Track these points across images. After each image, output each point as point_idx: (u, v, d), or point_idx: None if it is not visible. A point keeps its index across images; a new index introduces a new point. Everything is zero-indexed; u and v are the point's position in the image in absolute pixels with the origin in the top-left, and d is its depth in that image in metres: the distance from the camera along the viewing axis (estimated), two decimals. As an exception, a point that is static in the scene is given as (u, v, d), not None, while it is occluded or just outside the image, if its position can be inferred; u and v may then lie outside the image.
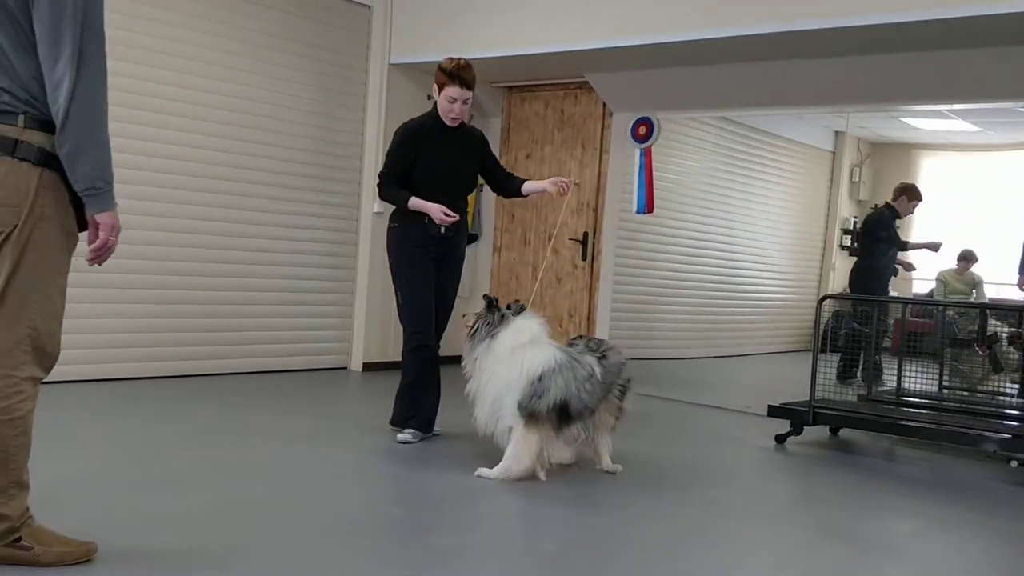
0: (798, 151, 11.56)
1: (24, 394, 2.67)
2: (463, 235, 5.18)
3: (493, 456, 4.44)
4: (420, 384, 5.01)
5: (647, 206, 7.40)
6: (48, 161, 2.60)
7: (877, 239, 8.35)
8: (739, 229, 10.64)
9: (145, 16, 6.29)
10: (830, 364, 6.11)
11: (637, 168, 7.43)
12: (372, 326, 7.67)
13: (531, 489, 4.24)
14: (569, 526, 3.76)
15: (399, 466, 4.62)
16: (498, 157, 8.21)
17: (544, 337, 4.51)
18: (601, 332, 7.73)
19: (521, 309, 4.62)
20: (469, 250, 8.35)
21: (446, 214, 4.87)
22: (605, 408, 4.53)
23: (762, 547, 3.73)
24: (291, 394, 6.44)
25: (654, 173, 7.44)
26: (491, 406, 4.40)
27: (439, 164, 4.96)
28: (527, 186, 5.17)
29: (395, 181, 4.97)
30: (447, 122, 4.94)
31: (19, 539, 2.70)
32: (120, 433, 4.86)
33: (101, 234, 2.69)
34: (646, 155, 7.40)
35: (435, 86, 4.91)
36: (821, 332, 5.84)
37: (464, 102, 4.88)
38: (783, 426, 5.75)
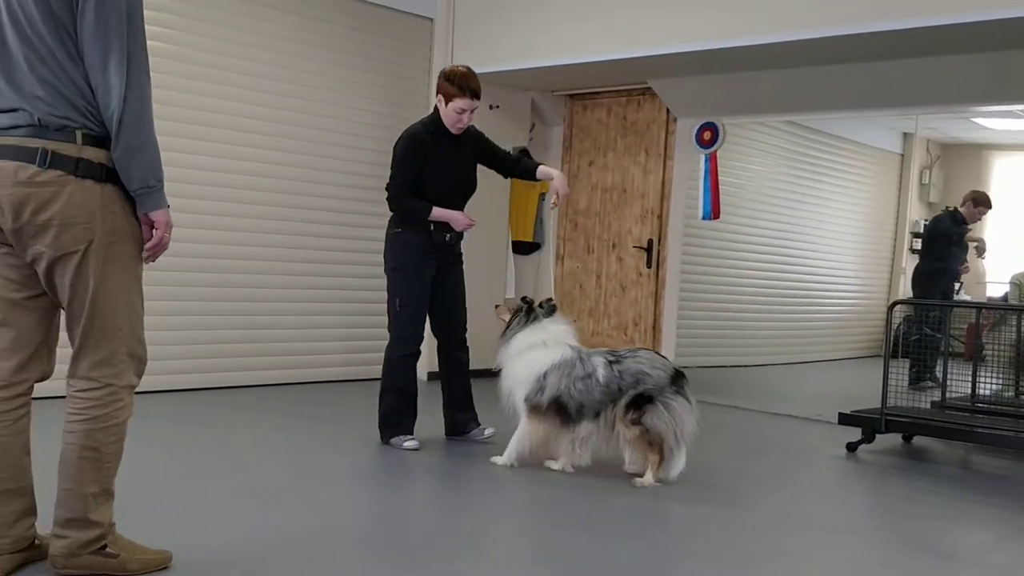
0: (866, 154, 11.38)
1: (123, 402, 2.75)
2: (460, 237, 5.18)
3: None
4: (410, 390, 5.07)
5: (713, 212, 7.36)
6: (109, 176, 2.66)
7: (937, 243, 8.36)
8: (807, 233, 10.50)
9: (209, 34, 6.43)
10: (902, 370, 5.99)
11: (702, 174, 7.39)
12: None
13: (597, 499, 4.24)
14: (635, 538, 3.74)
15: (458, 473, 4.65)
16: (560, 165, 8.26)
17: (562, 339, 4.63)
18: (667, 340, 7.70)
19: (552, 309, 4.76)
20: (532, 259, 8.43)
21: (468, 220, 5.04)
22: (618, 417, 4.46)
23: (837, 559, 3.67)
24: (358, 404, 6.49)
25: (719, 178, 7.39)
26: (507, 401, 4.69)
27: (445, 170, 5.00)
28: (542, 171, 5.20)
29: (409, 192, 4.96)
30: (453, 131, 4.98)
31: (105, 546, 2.77)
32: (198, 444, 4.97)
33: (156, 232, 2.74)
34: (711, 160, 7.36)
35: (440, 96, 4.92)
36: (892, 338, 5.74)
37: (472, 112, 4.93)
38: (854, 434, 5.65)
